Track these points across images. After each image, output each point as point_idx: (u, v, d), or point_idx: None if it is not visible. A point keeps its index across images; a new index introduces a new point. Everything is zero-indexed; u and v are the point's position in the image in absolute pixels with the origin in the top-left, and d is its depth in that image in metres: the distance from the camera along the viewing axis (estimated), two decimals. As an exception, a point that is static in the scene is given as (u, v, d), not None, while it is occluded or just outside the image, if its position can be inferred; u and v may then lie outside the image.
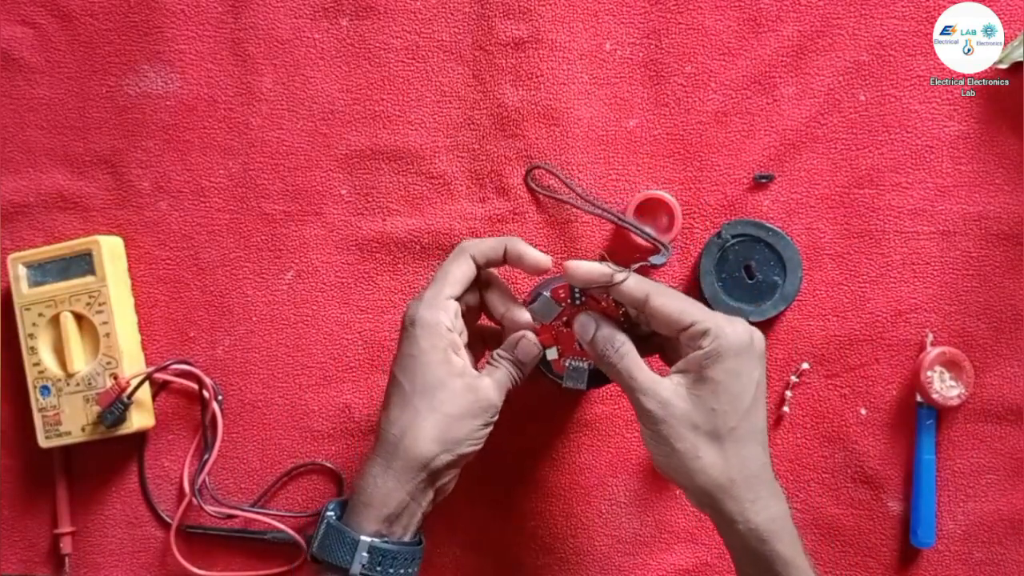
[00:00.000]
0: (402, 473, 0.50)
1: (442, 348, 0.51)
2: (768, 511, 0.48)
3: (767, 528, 0.48)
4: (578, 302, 0.54)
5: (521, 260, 0.53)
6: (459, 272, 0.53)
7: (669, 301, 0.50)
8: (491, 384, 0.52)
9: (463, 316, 0.54)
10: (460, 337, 0.53)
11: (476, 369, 0.53)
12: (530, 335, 0.54)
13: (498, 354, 0.54)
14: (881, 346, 0.64)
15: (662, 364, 0.54)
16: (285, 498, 0.66)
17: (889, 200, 0.64)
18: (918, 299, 0.64)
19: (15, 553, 0.67)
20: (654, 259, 0.62)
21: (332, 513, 0.51)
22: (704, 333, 0.48)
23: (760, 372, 0.49)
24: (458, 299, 0.53)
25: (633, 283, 0.51)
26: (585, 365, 0.54)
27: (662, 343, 0.53)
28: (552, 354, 0.55)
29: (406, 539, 0.51)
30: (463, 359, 0.52)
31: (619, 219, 0.63)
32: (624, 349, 0.51)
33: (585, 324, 0.52)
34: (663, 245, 0.62)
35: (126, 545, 0.66)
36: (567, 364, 0.55)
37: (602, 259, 0.51)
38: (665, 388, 0.49)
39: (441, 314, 0.51)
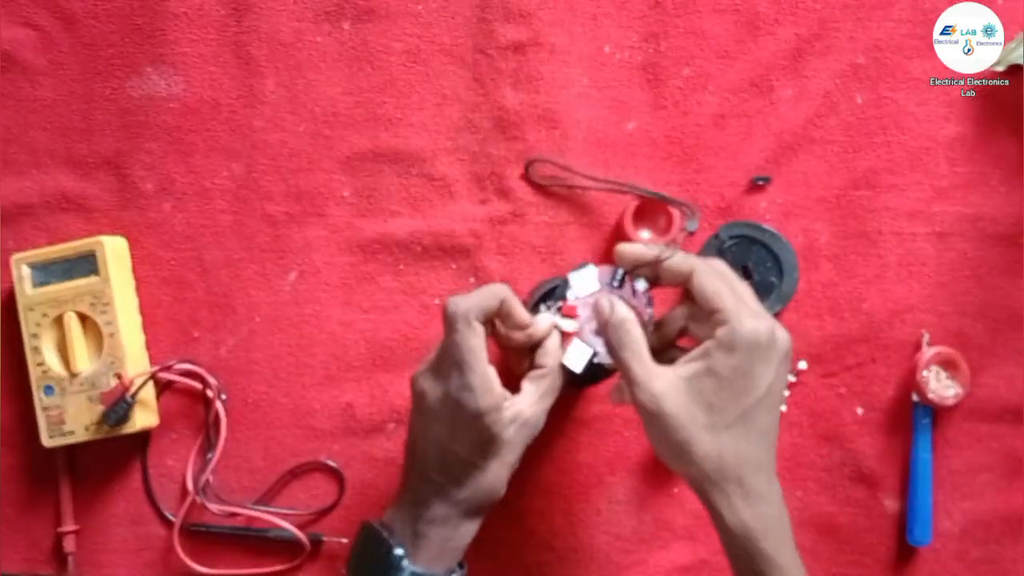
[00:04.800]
0: (476, 513, 0.54)
1: (511, 417, 0.52)
2: (756, 509, 0.48)
3: (753, 525, 0.48)
4: (616, 285, 0.54)
5: (509, 316, 0.54)
6: (480, 342, 0.51)
7: (708, 281, 0.49)
8: (541, 413, 0.54)
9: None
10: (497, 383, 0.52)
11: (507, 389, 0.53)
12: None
13: (537, 374, 0.54)
14: (878, 346, 0.65)
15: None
16: (288, 496, 0.66)
17: (886, 201, 0.65)
18: (914, 299, 0.64)
19: (18, 552, 0.67)
20: (689, 225, 0.62)
21: (400, 551, 0.51)
22: (723, 323, 0.48)
23: (774, 374, 0.48)
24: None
25: (679, 259, 0.51)
26: (590, 349, 0.54)
27: (674, 357, 0.52)
28: (569, 326, 0.54)
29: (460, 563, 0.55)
30: (508, 404, 0.52)
31: (635, 189, 0.63)
32: (628, 338, 0.50)
33: (602, 305, 0.53)
34: (688, 207, 0.61)
35: (129, 544, 0.66)
36: (572, 342, 0.54)
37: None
38: (661, 381, 0.49)
39: (499, 392, 0.52)
